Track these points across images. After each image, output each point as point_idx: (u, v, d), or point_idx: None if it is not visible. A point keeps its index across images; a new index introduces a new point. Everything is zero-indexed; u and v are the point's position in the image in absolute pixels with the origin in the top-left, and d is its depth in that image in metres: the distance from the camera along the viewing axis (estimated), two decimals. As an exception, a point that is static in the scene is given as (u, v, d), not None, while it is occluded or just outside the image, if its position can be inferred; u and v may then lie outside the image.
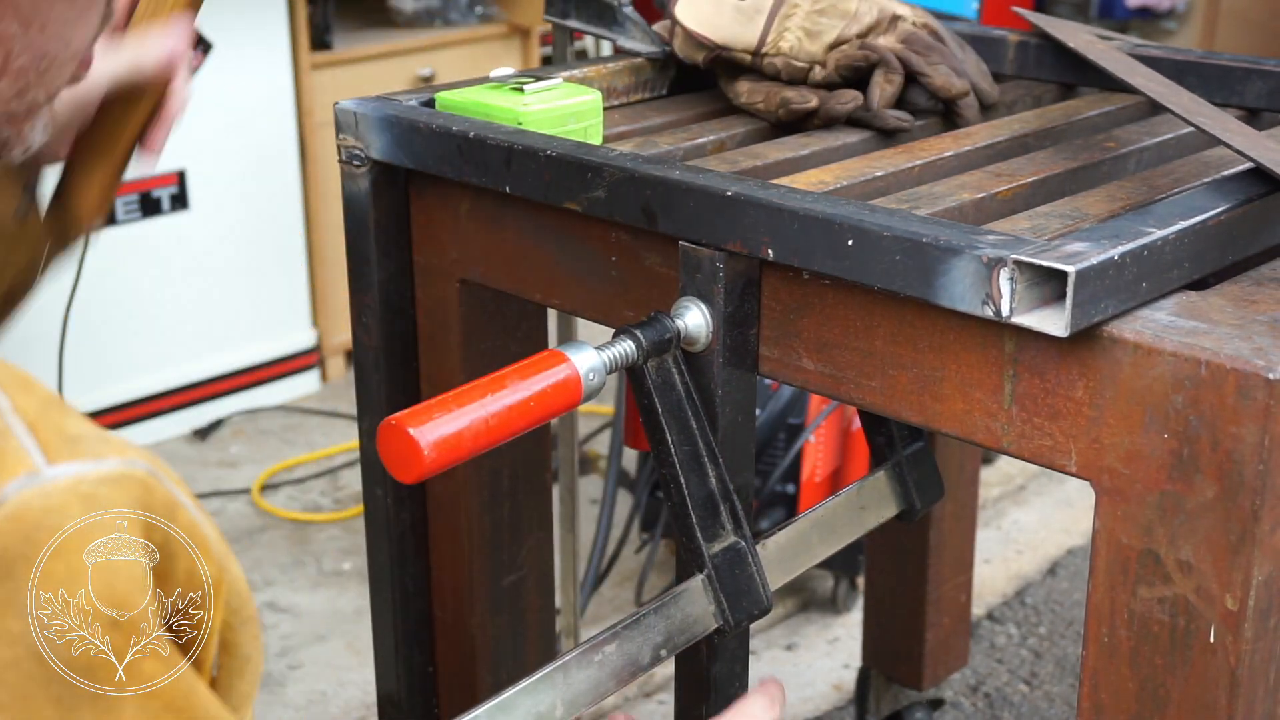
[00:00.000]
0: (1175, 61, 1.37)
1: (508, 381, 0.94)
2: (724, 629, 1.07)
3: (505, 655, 1.40)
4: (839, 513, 1.23)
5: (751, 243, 0.99)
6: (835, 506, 1.22)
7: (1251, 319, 0.86)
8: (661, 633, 1.03)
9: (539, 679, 0.97)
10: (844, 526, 1.24)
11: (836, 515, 1.22)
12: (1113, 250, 0.85)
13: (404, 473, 0.89)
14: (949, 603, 1.80)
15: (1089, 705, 0.91)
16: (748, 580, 1.07)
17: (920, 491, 1.31)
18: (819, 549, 1.20)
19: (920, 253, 0.89)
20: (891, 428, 1.30)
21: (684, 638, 1.05)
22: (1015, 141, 1.26)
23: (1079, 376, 0.87)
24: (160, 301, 3.24)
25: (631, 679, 1.02)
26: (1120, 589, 0.87)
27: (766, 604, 1.08)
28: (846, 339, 1.00)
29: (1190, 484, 0.83)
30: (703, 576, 1.05)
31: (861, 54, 1.28)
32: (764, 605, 1.08)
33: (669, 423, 1.04)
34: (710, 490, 1.05)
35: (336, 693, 2.36)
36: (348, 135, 1.27)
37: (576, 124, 1.22)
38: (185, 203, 3.22)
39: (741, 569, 1.07)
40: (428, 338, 1.34)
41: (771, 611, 1.09)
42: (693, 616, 1.05)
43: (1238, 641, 0.83)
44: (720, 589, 1.05)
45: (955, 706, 2.37)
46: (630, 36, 1.41)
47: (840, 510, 1.23)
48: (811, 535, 1.18)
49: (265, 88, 3.31)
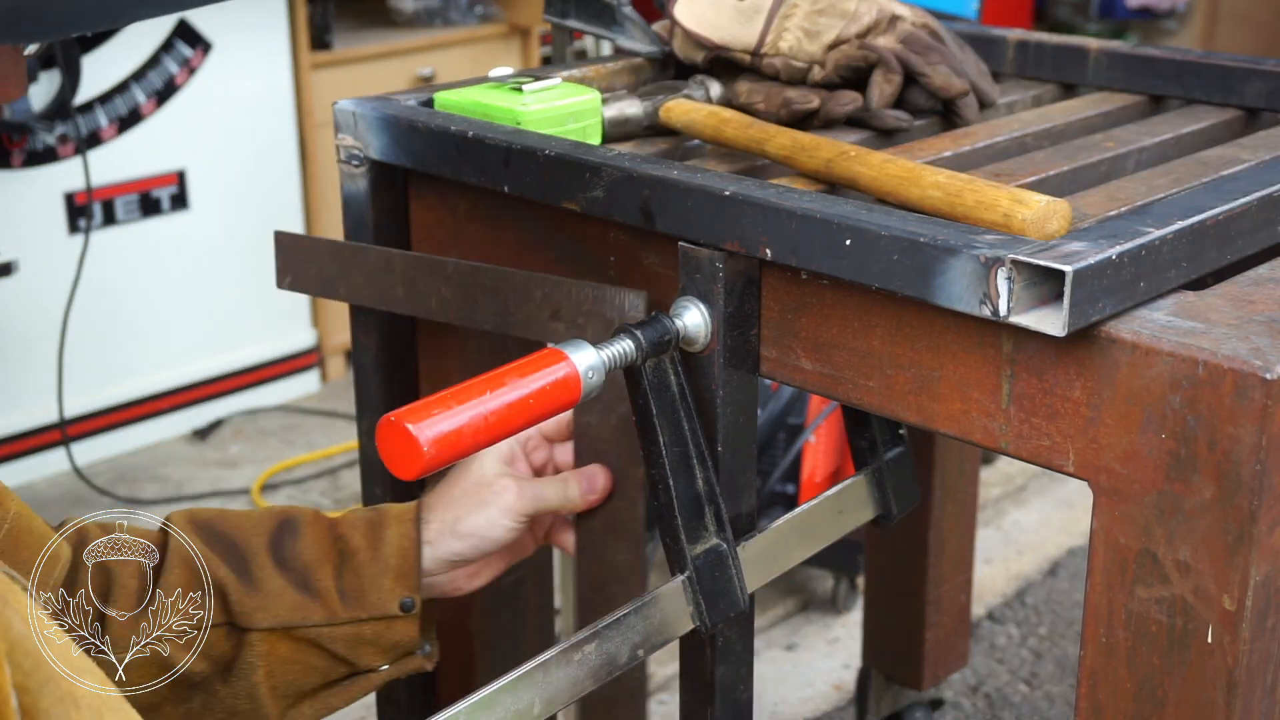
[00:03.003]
0: (1175, 62, 1.38)
1: (507, 379, 0.94)
2: (701, 630, 1.07)
3: (505, 655, 1.40)
4: (818, 516, 1.23)
5: (749, 242, 0.99)
6: (814, 510, 1.23)
7: (1249, 319, 0.86)
8: (640, 633, 1.04)
9: (518, 677, 0.97)
10: (822, 530, 1.24)
11: (816, 519, 1.23)
12: (1110, 250, 0.85)
13: (403, 470, 0.89)
14: (949, 603, 1.80)
15: (1087, 705, 0.91)
16: (727, 582, 1.08)
17: (898, 497, 1.31)
18: (797, 552, 1.20)
19: (918, 252, 0.89)
20: (874, 432, 1.30)
21: (661, 638, 1.06)
22: (1014, 141, 1.26)
23: (1077, 376, 0.87)
24: (160, 301, 3.24)
25: (608, 678, 1.03)
26: (1118, 589, 0.87)
27: (742, 605, 1.09)
28: (844, 339, 1.00)
29: (1188, 484, 0.83)
30: (684, 578, 1.06)
31: (861, 54, 1.28)
32: (740, 607, 1.09)
33: (662, 424, 1.04)
34: (697, 492, 1.06)
35: (336, 693, 2.36)
36: (347, 135, 1.27)
37: (575, 124, 1.22)
38: (185, 203, 3.22)
39: (721, 571, 1.07)
40: (427, 338, 1.34)
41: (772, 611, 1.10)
42: (671, 617, 1.06)
43: (1235, 642, 0.83)
44: (700, 590, 1.06)
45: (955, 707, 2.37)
46: (629, 36, 1.41)
47: (819, 514, 1.23)
48: (790, 538, 1.19)
49: (265, 88, 3.31)
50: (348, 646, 1.12)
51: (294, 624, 1.11)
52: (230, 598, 1.10)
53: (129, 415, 3.25)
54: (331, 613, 1.11)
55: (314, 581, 1.12)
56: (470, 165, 1.16)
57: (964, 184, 0.99)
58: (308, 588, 1.11)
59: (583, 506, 1.16)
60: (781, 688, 2.39)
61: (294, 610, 1.11)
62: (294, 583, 1.11)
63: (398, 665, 1.16)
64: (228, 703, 1.12)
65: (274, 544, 1.13)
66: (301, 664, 1.12)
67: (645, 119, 1.27)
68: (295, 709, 1.14)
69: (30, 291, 2.99)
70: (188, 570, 1.10)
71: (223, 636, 1.11)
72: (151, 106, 3.13)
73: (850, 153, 1.09)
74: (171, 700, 1.11)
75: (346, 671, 1.14)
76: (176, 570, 1.10)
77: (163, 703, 1.11)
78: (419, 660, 1.17)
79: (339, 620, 1.11)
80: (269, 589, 1.11)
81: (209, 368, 3.36)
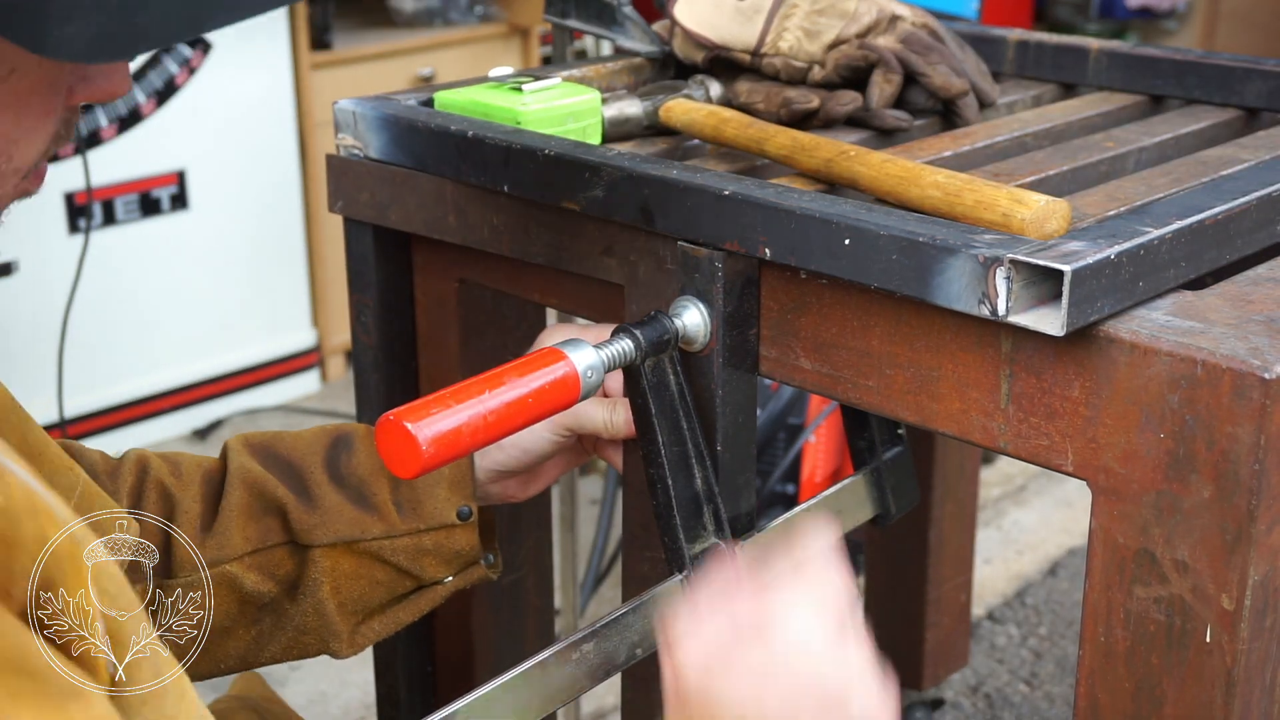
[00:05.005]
0: (1175, 62, 1.38)
1: (506, 378, 0.94)
2: None
3: (505, 656, 1.40)
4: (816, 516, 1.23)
5: (748, 242, 0.99)
6: (812, 510, 1.23)
7: (1248, 319, 0.86)
8: (638, 632, 1.04)
9: (517, 675, 0.98)
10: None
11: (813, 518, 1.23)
12: (1109, 250, 0.85)
13: (402, 468, 0.89)
14: (949, 603, 1.80)
15: (1085, 705, 0.91)
16: None
17: (896, 497, 1.31)
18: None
19: (917, 252, 0.89)
20: (873, 432, 1.30)
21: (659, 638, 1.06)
22: (1014, 141, 1.26)
23: (1075, 376, 0.87)
24: (160, 302, 3.24)
25: (606, 677, 1.03)
26: (1117, 589, 0.87)
27: None
28: (843, 339, 1.00)
29: (1186, 484, 0.83)
30: (682, 577, 1.06)
31: (861, 54, 1.28)
32: None
33: (661, 423, 1.04)
34: (696, 492, 1.06)
35: (337, 693, 2.36)
36: (347, 135, 1.27)
37: (575, 123, 1.22)
38: (185, 203, 3.22)
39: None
40: (427, 337, 1.34)
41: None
42: None
43: (1234, 641, 0.83)
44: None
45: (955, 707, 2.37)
46: (629, 36, 1.41)
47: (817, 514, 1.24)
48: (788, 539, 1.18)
49: (265, 87, 3.31)
50: (410, 558, 1.14)
51: (354, 538, 1.12)
52: (290, 516, 1.12)
53: (129, 415, 3.24)
54: (390, 525, 1.13)
55: (370, 495, 1.13)
56: (470, 165, 1.16)
57: (963, 184, 0.99)
58: (365, 502, 1.13)
59: (625, 434, 1.13)
60: (781, 688, 2.38)
61: (353, 525, 1.12)
62: (351, 498, 1.13)
63: (462, 576, 1.17)
64: (297, 620, 1.14)
65: (329, 461, 1.15)
66: (366, 578, 1.14)
67: (645, 119, 1.27)
68: (365, 624, 1.16)
69: (30, 291, 2.99)
70: (248, 491, 1.13)
71: (286, 555, 1.13)
72: (151, 106, 3.13)
73: (850, 152, 1.09)
74: (242, 623, 1.13)
75: (412, 585, 1.16)
76: (238, 492, 1.12)
77: (234, 625, 1.13)
78: (483, 570, 1.18)
79: (398, 532, 1.13)
80: (327, 505, 1.12)
81: (209, 368, 3.36)
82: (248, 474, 1.13)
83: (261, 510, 1.13)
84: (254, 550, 1.12)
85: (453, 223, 1.22)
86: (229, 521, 1.12)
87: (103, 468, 1.12)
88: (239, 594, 1.12)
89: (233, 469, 1.14)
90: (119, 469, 1.13)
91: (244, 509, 1.12)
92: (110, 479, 1.12)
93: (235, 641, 1.14)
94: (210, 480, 1.15)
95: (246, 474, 1.13)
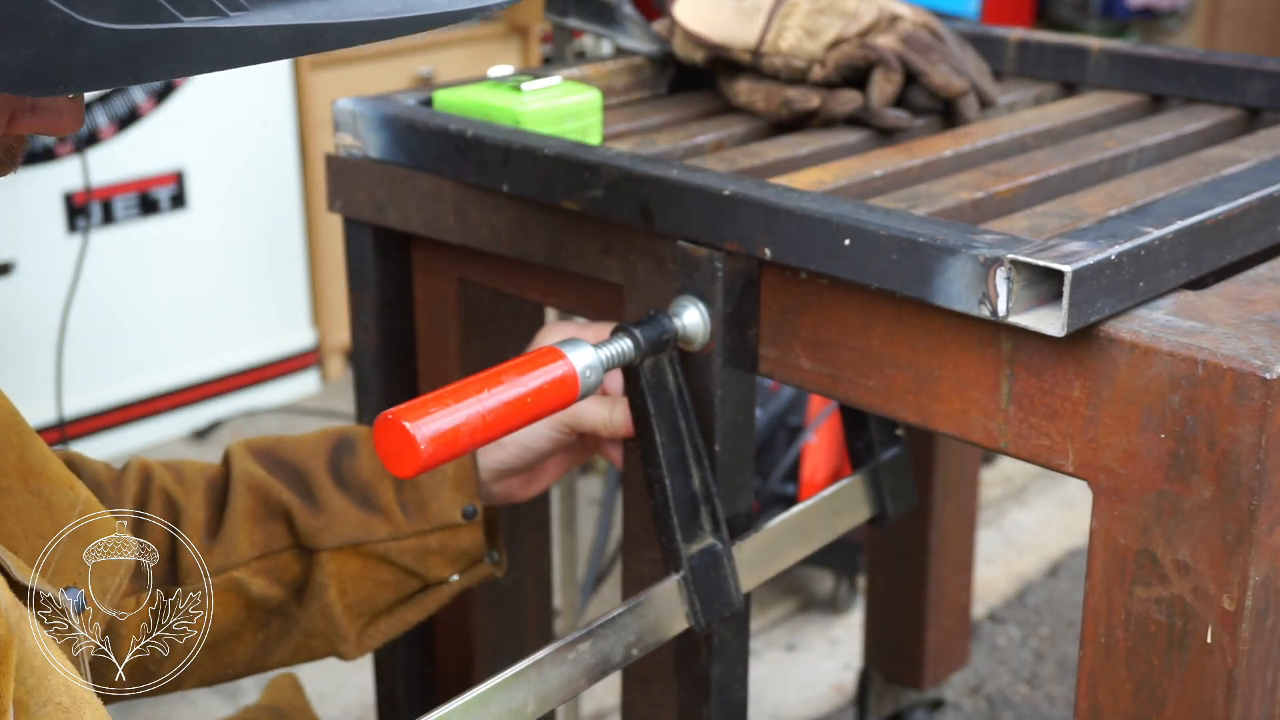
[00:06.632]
0: (1176, 61, 1.37)
1: (505, 377, 0.94)
2: (695, 630, 1.07)
3: (504, 656, 1.40)
4: (814, 517, 1.23)
5: (749, 242, 0.99)
6: (810, 510, 1.23)
7: (1249, 319, 0.86)
8: (634, 632, 1.04)
9: (512, 675, 0.97)
10: (818, 530, 1.24)
11: (811, 519, 1.23)
12: (1110, 250, 0.85)
13: (401, 467, 0.89)
14: (950, 603, 1.80)
15: (1086, 706, 0.91)
16: (721, 582, 1.08)
17: (894, 498, 1.31)
18: (793, 552, 1.20)
19: (917, 252, 0.89)
20: (871, 433, 1.30)
21: (655, 637, 1.06)
22: (1014, 141, 1.26)
23: (1076, 376, 0.87)
24: (159, 301, 3.24)
25: (602, 676, 1.03)
26: (1117, 589, 0.87)
27: (737, 605, 1.09)
28: (844, 338, 1.00)
29: (1187, 484, 0.83)
30: (679, 577, 1.06)
31: (861, 53, 1.28)
32: (735, 606, 1.09)
33: (659, 423, 1.04)
34: (693, 492, 1.05)
35: (336, 694, 2.36)
36: (346, 134, 1.26)
37: (575, 123, 1.22)
38: (185, 203, 3.22)
39: (716, 571, 1.07)
40: (426, 337, 1.34)
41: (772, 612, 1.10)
42: (666, 616, 1.06)
43: (1235, 642, 0.83)
44: (695, 590, 1.06)
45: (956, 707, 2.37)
46: (630, 35, 1.41)
47: (815, 514, 1.23)
48: (786, 538, 1.18)
49: (265, 88, 3.31)
50: (415, 559, 1.14)
51: (360, 540, 1.13)
52: (295, 520, 1.12)
53: (128, 415, 3.24)
54: (395, 527, 1.13)
55: (375, 497, 1.13)
56: (470, 164, 1.16)
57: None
58: (370, 504, 1.13)
59: (625, 432, 1.13)
60: (782, 688, 2.39)
61: (358, 527, 1.12)
62: (356, 500, 1.13)
63: (468, 574, 1.17)
64: (304, 624, 1.14)
65: (333, 464, 1.15)
66: (372, 580, 1.14)
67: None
68: (372, 626, 1.16)
69: (29, 291, 2.99)
70: (253, 497, 1.13)
71: (293, 559, 1.13)
72: (150, 105, 3.12)
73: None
74: (250, 628, 1.13)
75: (418, 585, 1.16)
76: (243, 497, 1.12)
77: (241, 630, 1.13)
78: (488, 568, 1.18)
79: (403, 533, 1.13)
80: (332, 509, 1.12)
81: (208, 367, 3.36)
82: (252, 479, 1.13)
83: (267, 515, 1.13)
84: (261, 555, 1.12)
85: (452, 222, 1.22)
86: (235, 527, 1.11)
87: (106, 478, 1.12)
88: (247, 599, 1.12)
89: (236, 474, 1.14)
90: (122, 479, 1.13)
91: (249, 514, 1.12)
92: (114, 489, 1.11)
93: (243, 646, 1.14)
94: (214, 486, 1.14)
95: (250, 479, 1.13)
